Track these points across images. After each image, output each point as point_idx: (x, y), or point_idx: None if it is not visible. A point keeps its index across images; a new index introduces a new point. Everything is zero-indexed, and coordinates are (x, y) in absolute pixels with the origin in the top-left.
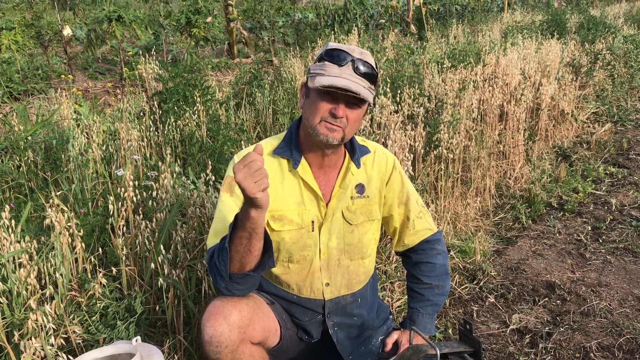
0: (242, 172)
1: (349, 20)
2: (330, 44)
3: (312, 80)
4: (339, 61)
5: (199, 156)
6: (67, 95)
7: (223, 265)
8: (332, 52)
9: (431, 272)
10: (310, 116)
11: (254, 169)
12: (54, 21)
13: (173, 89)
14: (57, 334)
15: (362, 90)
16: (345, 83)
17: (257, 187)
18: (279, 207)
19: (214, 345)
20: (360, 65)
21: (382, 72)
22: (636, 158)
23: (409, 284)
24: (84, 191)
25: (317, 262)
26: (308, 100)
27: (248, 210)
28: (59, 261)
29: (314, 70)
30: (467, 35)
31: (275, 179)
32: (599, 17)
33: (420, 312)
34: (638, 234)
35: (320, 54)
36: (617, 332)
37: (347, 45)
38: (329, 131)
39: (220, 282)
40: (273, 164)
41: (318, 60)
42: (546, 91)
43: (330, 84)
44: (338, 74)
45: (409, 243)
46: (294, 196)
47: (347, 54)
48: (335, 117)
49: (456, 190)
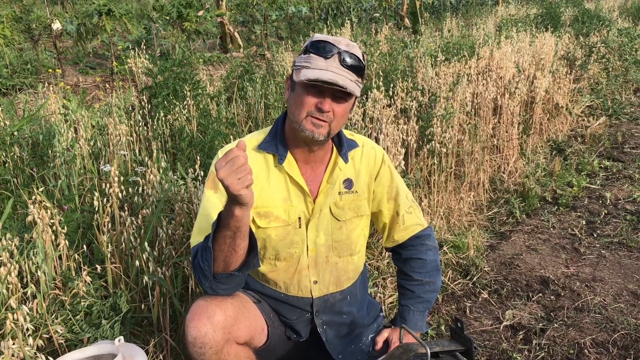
0: (224, 169)
1: (342, 14)
2: (316, 35)
3: (298, 73)
4: (324, 53)
5: (189, 151)
6: (55, 90)
7: (207, 265)
8: (318, 44)
9: (422, 268)
10: (296, 110)
11: (237, 165)
12: (44, 15)
13: (163, 83)
14: (37, 335)
15: (349, 84)
16: (332, 77)
17: (241, 183)
18: (265, 204)
19: (197, 346)
20: (347, 58)
21: (376, 65)
22: (631, 152)
23: (399, 280)
24: (70, 187)
25: (305, 260)
26: (293, 94)
27: (232, 208)
28: (40, 259)
29: (299, 62)
30: (461, 28)
31: (261, 175)
32: (593, 10)
33: (411, 310)
34: (632, 228)
35: (305, 46)
36: (612, 328)
37: (334, 36)
38: (314, 127)
39: (204, 282)
40: (258, 159)
41: (303, 52)
42: (540, 84)
43: (317, 77)
44: (324, 67)
45: (398, 239)
46: (280, 192)
47: (333, 45)
48: (322, 112)
49: (449, 184)
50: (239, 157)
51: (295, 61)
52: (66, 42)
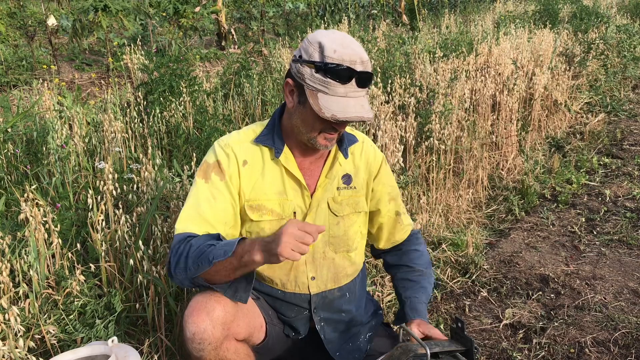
0: (292, 244)
1: (340, 10)
2: (326, 47)
3: (314, 97)
4: (344, 79)
5: (185, 148)
6: (50, 87)
7: (194, 269)
8: (338, 71)
9: (420, 259)
10: (308, 128)
11: (306, 243)
12: (39, 11)
13: (159, 79)
14: (29, 336)
15: (370, 112)
16: (357, 112)
17: (293, 254)
18: (257, 197)
19: (196, 342)
20: (364, 78)
21: (373, 62)
22: (630, 148)
23: (400, 275)
24: (65, 185)
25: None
26: (303, 110)
27: (259, 258)
28: (33, 257)
29: (314, 84)
30: (459, 25)
31: (256, 168)
32: (591, 7)
33: (419, 301)
34: (632, 226)
35: (319, 63)
36: (613, 327)
37: (346, 48)
38: (327, 142)
39: (177, 273)
40: (255, 152)
41: (316, 70)
42: (539, 81)
43: (345, 117)
44: (343, 94)
45: (399, 238)
46: (275, 186)
47: (352, 71)
48: (336, 131)
49: (448, 181)
50: (311, 238)
51: (306, 78)
52: (62, 39)
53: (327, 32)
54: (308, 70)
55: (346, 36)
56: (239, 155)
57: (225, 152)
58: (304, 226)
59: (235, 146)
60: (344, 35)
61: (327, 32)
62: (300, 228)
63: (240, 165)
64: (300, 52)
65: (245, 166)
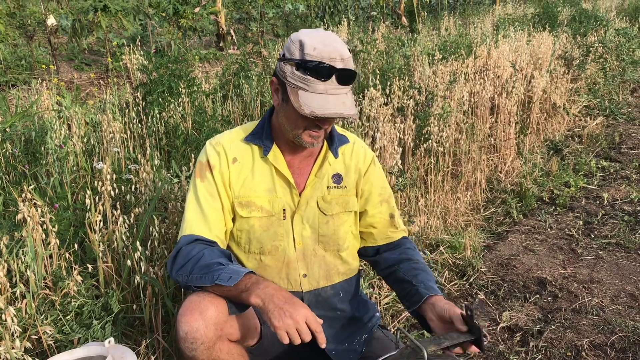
0: (292, 330)
1: (339, 12)
2: (306, 45)
3: (295, 95)
4: (323, 77)
5: (184, 149)
6: (48, 86)
7: (196, 279)
8: (318, 68)
9: (419, 256)
10: (291, 125)
11: (302, 336)
12: (38, 11)
13: (157, 79)
14: (25, 336)
15: (350, 106)
16: (337, 108)
17: (285, 338)
18: (247, 194)
19: (189, 341)
20: (344, 75)
21: (372, 64)
22: (628, 152)
23: (404, 266)
24: (63, 185)
25: (292, 253)
26: (287, 108)
27: (255, 303)
28: (30, 258)
29: (294, 81)
30: (458, 27)
31: (246, 165)
32: (590, 10)
33: (432, 281)
34: (630, 229)
35: (299, 61)
36: (610, 330)
37: (327, 46)
38: (312, 139)
39: (179, 275)
40: (245, 150)
41: (297, 68)
42: (538, 84)
43: (324, 113)
44: (323, 91)
45: (394, 237)
46: (265, 183)
47: (331, 67)
48: (320, 128)
49: (446, 184)
50: (309, 338)
51: (287, 76)
52: (61, 38)
53: (310, 30)
54: (289, 68)
55: (329, 34)
56: (229, 153)
57: (215, 150)
58: (314, 322)
59: (225, 144)
60: (327, 33)
61: (310, 31)
62: (309, 320)
63: (230, 162)
64: (284, 50)
65: (235, 163)
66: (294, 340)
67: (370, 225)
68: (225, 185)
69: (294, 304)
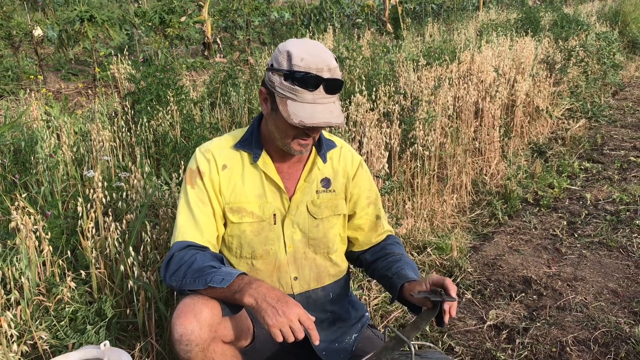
0: (285, 328)
1: (325, 20)
2: (294, 56)
3: (283, 104)
4: (310, 87)
5: (173, 156)
6: (37, 97)
7: (189, 283)
8: (305, 79)
9: (398, 248)
10: (281, 134)
11: (295, 333)
12: (24, 22)
13: (146, 88)
14: (22, 341)
15: (338, 115)
16: (326, 118)
17: (278, 335)
18: (238, 200)
19: (184, 343)
20: (331, 85)
21: (358, 70)
22: (610, 153)
23: (380, 263)
24: (53, 193)
25: (283, 256)
26: (276, 117)
27: (248, 303)
28: (24, 265)
29: (283, 91)
30: (442, 33)
31: (236, 172)
32: (572, 15)
33: (405, 270)
34: (612, 228)
35: (287, 71)
36: (593, 326)
37: (314, 56)
38: (301, 147)
39: (172, 280)
40: (235, 157)
41: (285, 78)
42: (521, 88)
43: (312, 123)
44: (312, 100)
45: (376, 241)
46: (255, 189)
47: (318, 78)
48: (309, 136)
49: (432, 187)
50: (302, 335)
51: (276, 86)
52: (47, 49)
53: (298, 41)
54: (277, 79)
55: (317, 45)
56: (219, 160)
57: (205, 157)
58: (306, 319)
59: (215, 151)
60: (315, 44)
61: (297, 41)
62: (302, 318)
63: (220, 169)
64: (272, 60)
65: (224, 170)
66: (287, 338)
67: (358, 227)
68: (215, 192)
69: (287, 303)
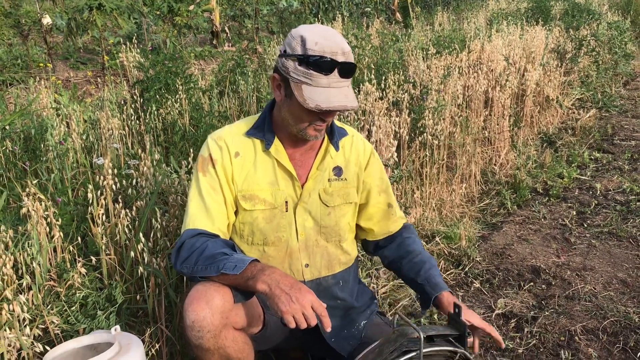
0: (298, 314)
1: (333, 8)
2: (308, 40)
3: (298, 89)
4: (326, 71)
5: (181, 144)
6: (46, 85)
7: (201, 269)
8: (320, 62)
9: (415, 244)
10: (296, 120)
11: (308, 320)
12: (33, 10)
13: (154, 77)
14: (34, 325)
15: (353, 102)
16: (341, 101)
17: (292, 322)
18: (250, 187)
19: (195, 330)
20: (346, 68)
21: (367, 59)
22: (620, 143)
23: (405, 264)
24: (63, 180)
25: (295, 243)
26: (290, 103)
27: (261, 289)
28: (35, 250)
29: (297, 76)
30: (452, 22)
31: (248, 159)
32: (583, 4)
33: (435, 276)
34: (622, 218)
35: (301, 56)
36: (602, 315)
37: (327, 40)
38: (317, 132)
39: (183, 267)
40: (247, 144)
41: (299, 63)
42: (531, 77)
43: (328, 107)
44: (327, 84)
45: (393, 229)
46: (267, 176)
47: (334, 62)
48: (324, 121)
49: (441, 176)
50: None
51: (290, 71)
52: (56, 37)
53: (310, 26)
54: (292, 64)
55: (328, 29)
56: (231, 148)
57: (218, 145)
58: (319, 306)
59: (227, 138)
60: (326, 28)
61: (309, 26)
62: (315, 305)
63: (232, 156)
64: (285, 46)
65: (237, 158)
66: (300, 325)
67: (371, 215)
68: (228, 179)
69: (300, 289)
